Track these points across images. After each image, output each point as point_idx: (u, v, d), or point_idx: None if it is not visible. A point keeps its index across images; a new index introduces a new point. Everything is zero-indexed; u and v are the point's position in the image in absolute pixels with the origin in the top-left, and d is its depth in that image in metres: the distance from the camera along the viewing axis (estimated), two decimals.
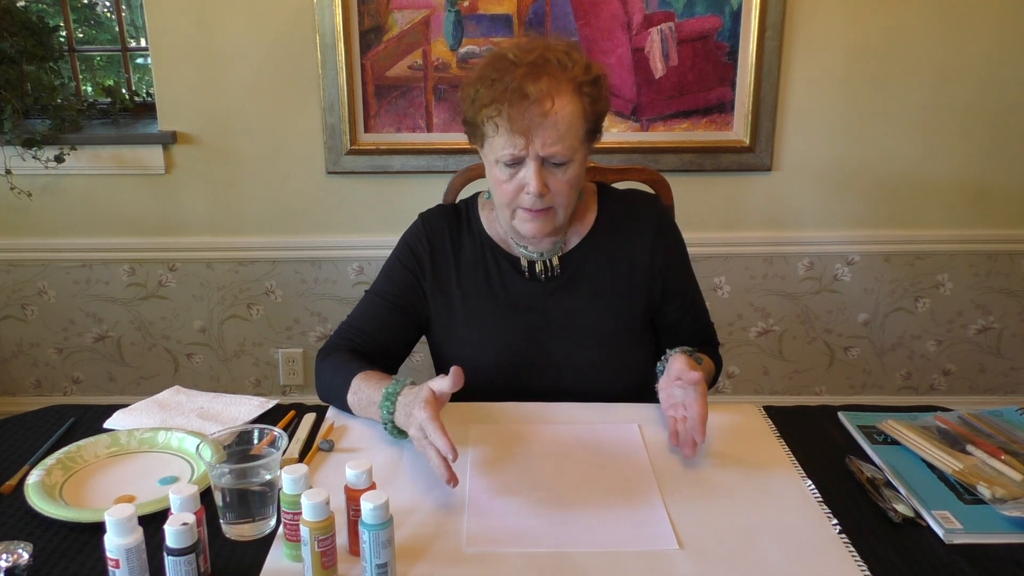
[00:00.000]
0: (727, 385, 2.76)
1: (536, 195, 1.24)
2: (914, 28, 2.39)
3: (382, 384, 1.20)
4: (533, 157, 1.22)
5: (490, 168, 1.30)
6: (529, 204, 1.26)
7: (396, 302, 1.40)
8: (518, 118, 1.20)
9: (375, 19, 2.38)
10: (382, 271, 1.45)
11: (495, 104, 1.21)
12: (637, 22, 2.39)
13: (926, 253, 2.61)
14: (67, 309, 2.66)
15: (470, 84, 1.27)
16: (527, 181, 1.24)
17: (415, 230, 1.44)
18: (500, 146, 1.23)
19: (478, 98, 1.24)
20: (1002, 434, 1.17)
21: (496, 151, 1.25)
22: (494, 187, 1.31)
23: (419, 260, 1.40)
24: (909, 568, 0.93)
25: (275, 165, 2.52)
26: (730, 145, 2.48)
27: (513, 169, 1.25)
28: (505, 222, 1.35)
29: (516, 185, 1.25)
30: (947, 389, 2.76)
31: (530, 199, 1.25)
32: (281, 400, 1.35)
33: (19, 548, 0.90)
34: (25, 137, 2.37)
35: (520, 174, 1.25)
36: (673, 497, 1.06)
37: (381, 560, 0.87)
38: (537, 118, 1.20)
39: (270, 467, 0.98)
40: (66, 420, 1.27)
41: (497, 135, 1.23)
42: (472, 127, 1.30)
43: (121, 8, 2.68)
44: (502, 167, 1.26)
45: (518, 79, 1.20)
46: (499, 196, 1.30)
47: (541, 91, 1.19)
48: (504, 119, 1.21)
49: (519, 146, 1.21)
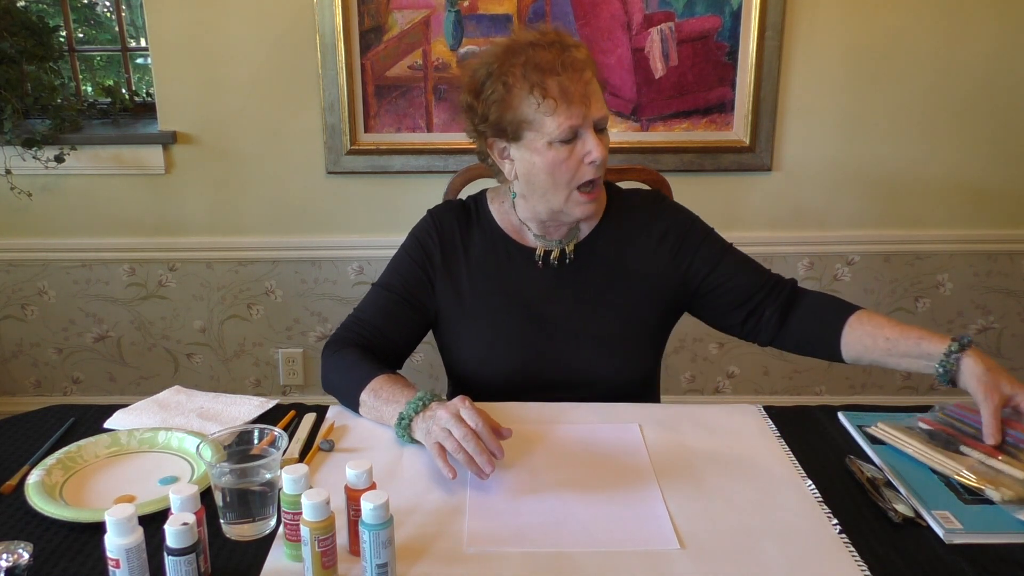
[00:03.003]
0: (727, 385, 2.76)
1: (602, 160, 1.25)
2: (914, 28, 2.39)
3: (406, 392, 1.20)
4: (589, 126, 1.24)
5: (539, 155, 1.26)
6: (593, 174, 1.27)
7: (404, 296, 1.39)
8: (572, 87, 1.21)
9: (375, 19, 2.38)
10: (390, 265, 1.44)
11: (548, 81, 1.21)
12: (637, 22, 2.39)
13: (926, 253, 2.61)
14: (67, 309, 2.66)
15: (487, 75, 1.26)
16: (589, 149, 1.24)
17: (425, 225, 1.43)
18: (557, 123, 1.22)
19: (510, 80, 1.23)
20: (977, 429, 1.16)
21: (551, 130, 1.23)
22: (546, 172, 1.27)
23: (428, 255, 1.40)
24: (909, 568, 0.93)
25: (275, 165, 2.52)
26: (730, 145, 2.48)
27: (570, 145, 1.25)
28: (544, 211, 1.33)
29: (576, 160, 1.26)
30: (947, 389, 2.75)
31: (594, 168, 1.26)
32: (281, 400, 1.35)
33: (19, 548, 0.89)
34: (25, 137, 2.37)
35: (577, 147, 1.25)
36: (673, 497, 1.06)
37: (381, 560, 0.87)
38: (582, 87, 1.22)
39: (270, 467, 0.98)
40: (66, 420, 1.26)
41: (554, 114, 1.22)
42: (503, 115, 1.26)
43: (121, 8, 2.68)
44: (559, 146, 1.24)
45: (558, 53, 1.22)
46: (558, 177, 1.27)
47: (582, 59, 1.24)
48: (558, 92, 1.21)
49: (578, 115, 1.22)
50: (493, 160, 1.35)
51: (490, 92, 1.26)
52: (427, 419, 1.12)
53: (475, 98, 1.29)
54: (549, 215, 1.34)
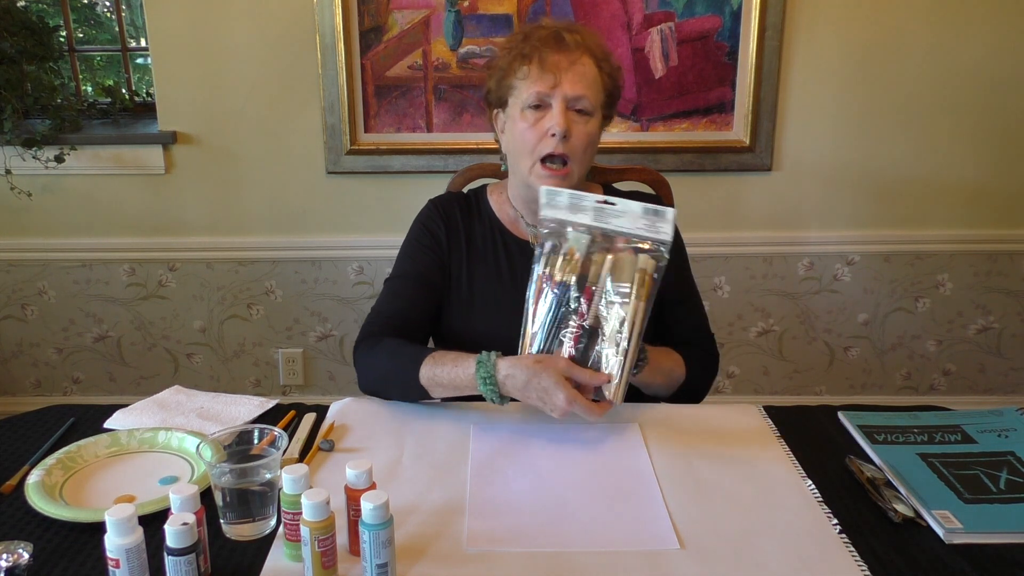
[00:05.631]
0: (727, 385, 2.76)
1: (561, 135, 1.27)
2: (914, 28, 2.39)
3: (464, 359, 1.21)
4: (559, 98, 1.28)
5: (514, 123, 1.33)
6: (553, 147, 1.28)
7: (420, 280, 1.41)
8: (550, 59, 1.28)
9: (375, 19, 2.38)
10: (400, 256, 1.45)
11: (530, 50, 1.29)
12: (637, 22, 2.39)
13: (926, 253, 2.61)
14: (67, 309, 2.66)
15: (502, 51, 1.36)
16: (552, 122, 1.28)
17: (429, 211, 1.46)
18: (529, 87, 1.29)
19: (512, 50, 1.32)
20: None
21: (523, 94, 1.30)
22: (517, 139, 1.33)
23: (437, 239, 1.43)
24: (909, 568, 0.93)
25: (275, 165, 2.52)
26: (730, 145, 2.48)
27: (538, 113, 1.30)
28: (520, 184, 1.38)
29: (540, 130, 1.29)
30: (947, 389, 2.76)
31: (554, 141, 1.28)
32: (281, 400, 1.35)
33: (19, 548, 0.89)
34: (25, 137, 2.37)
35: (544, 120, 1.29)
36: (673, 497, 1.06)
37: (381, 560, 0.87)
38: (566, 63, 1.28)
39: (270, 467, 0.98)
40: (66, 420, 1.27)
41: (527, 79, 1.29)
42: (499, 83, 1.34)
43: (121, 8, 2.68)
44: (528, 111, 1.30)
45: (553, 31, 1.30)
46: (521, 145, 1.32)
47: (575, 41, 1.30)
48: (536, 63, 1.29)
49: (548, 83, 1.28)
50: (497, 135, 1.42)
51: (499, 61, 1.36)
52: (525, 371, 1.14)
53: (490, 69, 1.38)
54: (525, 191, 1.38)
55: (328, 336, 2.68)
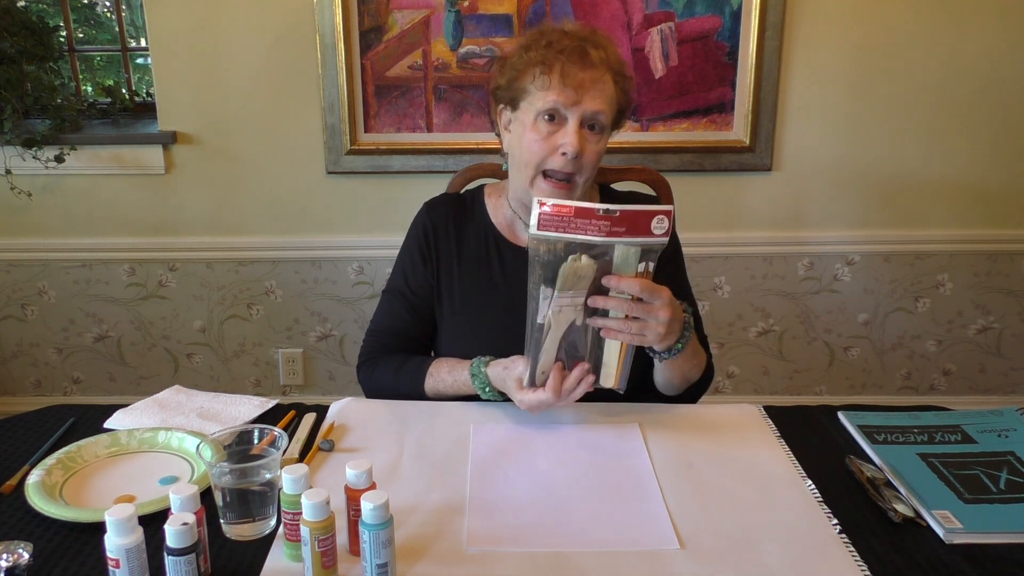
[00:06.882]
0: (727, 385, 2.76)
1: (574, 154, 1.25)
2: (914, 28, 2.39)
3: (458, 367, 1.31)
4: (577, 116, 1.25)
5: (523, 128, 1.29)
6: (560, 165, 1.27)
7: (413, 296, 1.43)
8: (573, 75, 1.25)
9: (375, 19, 2.38)
10: (395, 266, 1.47)
11: (553, 60, 1.25)
12: (637, 22, 2.39)
13: (926, 253, 2.61)
14: (67, 309, 2.66)
15: (517, 47, 1.32)
16: (565, 140, 1.25)
17: (420, 217, 1.46)
18: (546, 96, 1.25)
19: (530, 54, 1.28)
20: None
21: (539, 102, 1.26)
22: (524, 147, 1.29)
23: (424, 250, 1.43)
24: (909, 568, 0.93)
25: (275, 165, 2.52)
26: (730, 145, 2.48)
27: (552, 126, 1.26)
28: (520, 188, 1.35)
29: (550, 145, 1.27)
30: (947, 389, 2.76)
31: (564, 160, 1.26)
32: (281, 400, 1.35)
33: (19, 548, 0.89)
34: (25, 137, 2.37)
35: (557, 135, 1.26)
36: (673, 497, 1.06)
37: (381, 560, 0.87)
38: (589, 81, 1.25)
39: (270, 467, 0.98)
40: (66, 420, 1.27)
41: (548, 89, 1.25)
42: (512, 83, 1.31)
43: (121, 8, 2.68)
44: (542, 121, 1.27)
45: (578, 44, 1.26)
46: (528, 155, 1.29)
47: (600, 58, 1.27)
48: (557, 75, 1.25)
49: (569, 98, 1.25)
50: (499, 131, 1.39)
51: (515, 59, 1.31)
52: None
53: (502, 64, 1.35)
54: (524, 194, 1.36)
55: (328, 336, 2.68)
